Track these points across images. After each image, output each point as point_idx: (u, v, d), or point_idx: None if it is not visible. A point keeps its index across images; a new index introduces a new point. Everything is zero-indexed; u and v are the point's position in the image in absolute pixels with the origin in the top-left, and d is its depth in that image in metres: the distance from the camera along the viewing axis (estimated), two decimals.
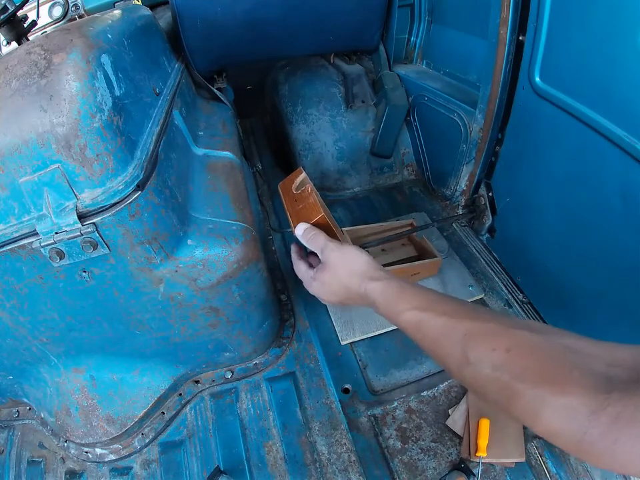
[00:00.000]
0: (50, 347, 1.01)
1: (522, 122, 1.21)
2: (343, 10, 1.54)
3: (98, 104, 0.67)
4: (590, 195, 1.02)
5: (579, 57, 0.94)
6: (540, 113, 1.11)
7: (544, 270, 1.26)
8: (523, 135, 1.23)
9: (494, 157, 1.39)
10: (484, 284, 1.46)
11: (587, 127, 0.95)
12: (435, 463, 1.07)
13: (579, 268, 1.12)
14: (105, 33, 0.80)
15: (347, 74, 1.94)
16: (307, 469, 1.08)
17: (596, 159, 0.97)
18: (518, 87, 1.17)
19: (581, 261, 1.10)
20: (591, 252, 1.06)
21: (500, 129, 1.32)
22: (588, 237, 1.05)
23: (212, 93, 1.53)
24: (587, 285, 1.10)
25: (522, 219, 1.34)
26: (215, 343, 1.13)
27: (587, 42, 0.90)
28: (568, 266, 1.16)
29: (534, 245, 1.29)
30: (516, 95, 1.19)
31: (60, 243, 0.69)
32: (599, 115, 0.91)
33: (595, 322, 1.09)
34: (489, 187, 1.45)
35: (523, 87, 1.14)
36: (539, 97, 1.09)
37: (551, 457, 1.05)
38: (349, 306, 0.72)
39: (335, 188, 1.92)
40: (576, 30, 0.93)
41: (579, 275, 1.13)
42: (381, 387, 1.21)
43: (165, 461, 1.12)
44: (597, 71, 0.90)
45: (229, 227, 0.95)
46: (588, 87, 0.93)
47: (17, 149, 0.64)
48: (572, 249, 1.13)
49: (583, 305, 1.14)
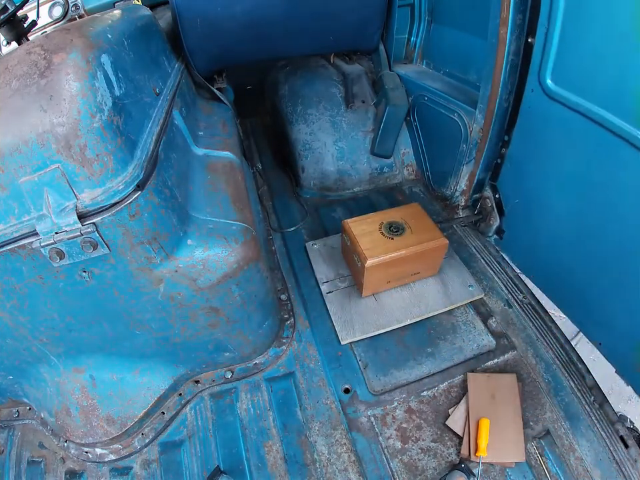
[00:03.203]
0: (50, 347, 1.01)
1: (531, 124, 1.21)
2: (343, 10, 1.54)
3: (98, 104, 0.67)
4: (605, 193, 1.02)
5: (592, 58, 0.94)
6: (551, 115, 1.11)
7: (558, 267, 1.27)
8: (532, 136, 1.23)
9: (500, 159, 1.39)
10: (484, 284, 1.46)
11: (602, 128, 0.96)
12: (435, 463, 1.07)
13: (593, 264, 1.13)
14: (104, 33, 0.80)
15: (347, 74, 1.94)
16: (306, 469, 1.08)
17: (611, 158, 0.98)
18: (526, 90, 1.17)
19: (596, 257, 1.11)
20: (605, 248, 1.07)
21: (506, 131, 1.31)
22: (603, 233, 1.06)
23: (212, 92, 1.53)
24: (601, 279, 1.11)
25: (532, 219, 1.34)
26: (215, 342, 1.13)
27: (601, 44, 0.91)
28: (582, 262, 1.17)
29: (546, 243, 1.30)
30: (524, 98, 1.19)
31: (60, 243, 0.69)
32: (614, 115, 0.92)
33: (609, 313, 1.10)
34: (495, 188, 1.45)
35: (532, 89, 1.14)
36: (551, 99, 1.09)
37: (551, 457, 1.05)
38: None
39: (335, 188, 1.92)
40: (590, 32, 0.93)
41: (593, 270, 1.14)
42: (380, 387, 1.21)
43: (165, 461, 1.12)
44: (611, 71, 0.90)
45: (228, 227, 0.95)
46: (602, 88, 0.94)
47: (17, 149, 0.64)
48: (586, 245, 1.14)
49: (598, 298, 1.15)
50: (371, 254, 1.28)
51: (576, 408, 1.13)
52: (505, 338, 1.30)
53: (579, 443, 1.07)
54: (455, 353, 1.27)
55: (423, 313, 1.37)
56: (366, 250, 1.29)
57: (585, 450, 1.06)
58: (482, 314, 1.37)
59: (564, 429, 1.10)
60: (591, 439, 1.08)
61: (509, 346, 1.28)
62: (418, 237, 1.33)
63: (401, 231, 1.35)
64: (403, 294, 1.43)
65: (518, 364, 1.24)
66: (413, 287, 1.45)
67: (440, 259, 1.42)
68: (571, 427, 1.10)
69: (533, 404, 1.15)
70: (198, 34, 1.39)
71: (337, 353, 1.29)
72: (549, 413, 1.13)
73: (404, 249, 1.30)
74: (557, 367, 1.22)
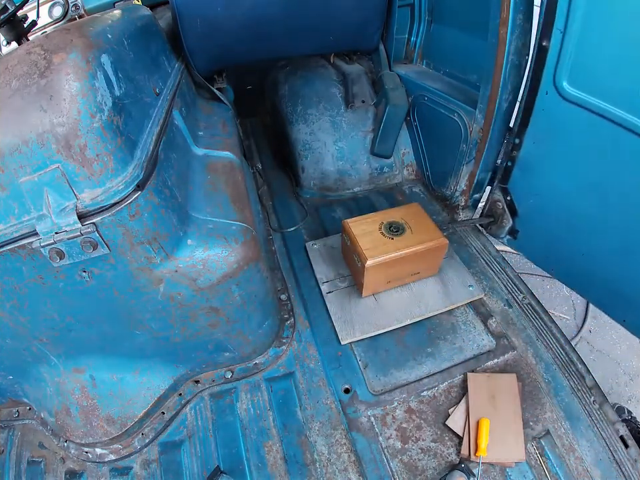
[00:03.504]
0: (50, 347, 1.01)
1: (545, 126, 1.23)
2: (343, 10, 1.54)
3: (98, 104, 0.67)
4: (627, 188, 1.05)
5: (612, 60, 0.96)
6: (568, 117, 1.13)
7: (578, 257, 1.30)
8: (547, 138, 1.25)
9: (510, 162, 1.39)
10: (484, 284, 1.46)
11: (620, 127, 0.98)
12: (435, 463, 1.07)
13: (616, 250, 1.17)
14: (105, 32, 0.80)
15: (347, 74, 1.94)
16: (306, 469, 1.08)
17: (632, 156, 1.00)
18: (540, 92, 1.18)
19: (618, 244, 1.15)
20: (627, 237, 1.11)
21: (517, 134, 1.32)
22: (625, 226, 1.10)
23: (212, 92, 1.53)
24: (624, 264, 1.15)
25: (549, 217, 1.36)
26: (215, 342, 1.13)
27: (621, 46, 0.93)
28: (604, 250, 1.21)
29: (565, 237, 1.33)
30: (537, 100, 1.20)
31: (60, 243, 0.69)
32: (634, 116, 0.94)
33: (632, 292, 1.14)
34: (506, 191, 1.46)
35: (546, 91, 1.15)
36: (567, 101, 1.11)
37: (551, 457, 1.05)
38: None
39: (334, 188, 1.92)
40: (609, 35, 0.95)
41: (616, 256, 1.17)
42: (380, 387, 1.21)
43: (165, 461, 1.12)
44: (630, 73, 0.92)
45: (228, 227, 0.95)
46: (622, 90, 0.96)
47: (17, 148, 0.64)
48: (608, 235, 1.17)
49: (620, 280, 1.18)
50: (371, 254, 1.28)
51: (576, 408, 1.13)
52: (504, 338, 1.30)
53: (578, 443, 1.07)
54: (454, 353, 1.27)
55: (423, 313, 1.37)
56: (366, 250, 1.29)
57: (585, 450, 1.06)
58: (482, 314, 1.37)
59: (564, 429, 1.10)
60: (591, 439, 1.08)
61: (509, 346, 1.28)
62: (418, 237, 1.33)
63: (401, 230, 1.35)
64: (403, 294, 1.43)
65: (518, 364, 1.24)
66: (412, 287, 1.45)
67: (440, 258, 1.42)
68: (571, 426, 1.10)
69: (533, 404, 1.15)
70: (198, 34, 1.39)
71: (337, 353, 1.29)
72: (549, 413, 1.13)
73: (404, 249, 1.30)
74: (556, 367, 1.22)
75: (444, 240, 1.33)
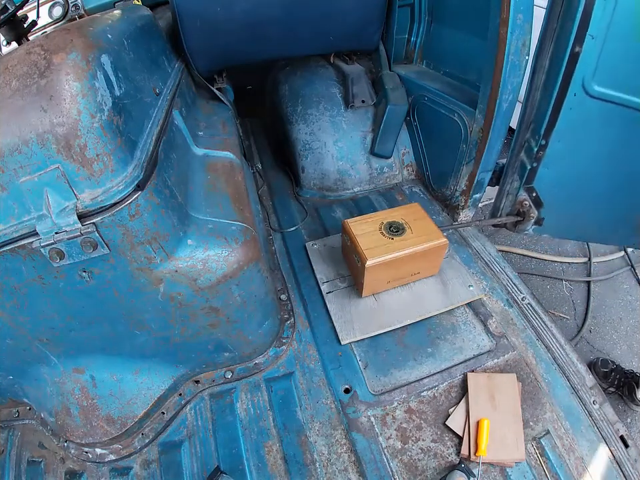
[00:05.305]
0: (50, 347, 1.01)
1: (572, 124, 1.28)
2: (343, 10, 1.54)
3: (98, 104, 0.67)
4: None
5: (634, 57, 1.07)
6: (593, 111, 1.20)
7: (602, 212, 1.45)
8: (572, 134, 1.30)
9: (535, 162, 1.42)
10: (484, 284, 1.46)
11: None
12: (435, 463, 1.07)
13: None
14: (104, 33, 0.80)
15: (347, 74, 1.94)
16: (306, 469, 1.08)
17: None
18: (569, 95, 1.21)
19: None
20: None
21: (544, 136, 1.34)
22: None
23: (212, 92, 1.54)
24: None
25: (572, 192, 1.45)
26: (215, 343, 1.13)
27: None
28: (622, 197, 1.37)
29: (587, 202, 1.46)
30: (565, 102, 1.24)
31: (60, 243, 0.69)
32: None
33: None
34: (531, 189, 1.49)
35: (574, 93, 1.20)
36: (593, 98, 1.17)
37: (551, 457, 1.05)
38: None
39: (334, 188, 1.92)
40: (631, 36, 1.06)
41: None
42: (380, 387, 1.21)
43: (165, 461, 1.12)
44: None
45: (228, 227, 0.95)
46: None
47: (17, 148, 0.64)
48: (624, 189, 1.34)
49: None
50: (371, 254, 1.28)
51: (576, 408, 1.13)
52: (504, 338, 1.30)
53: (578, 443, 1.07)
54: (454, 353, 1.27)
55: (423, 313, 1.37)
56: (366, 250, 1.29)
57: (585, 450, 1.06)
58: (482, 314, 1.37)
59: (564, 429, 1.10)
60: (591, 439, 1.08)
61: (509, 346, 1.28)
62: (418, 237, 1.33)
63: (401, 231, 1.35)
64: (403, 294, 1.43)
65: (518, 364, 1.24)
66: (412, 287, 1.45)
67: (440, 259, 1.42)
68: (571, 426, 1.10)
69: (533, 404, 1.15)
70: (198, 34, 1.39)
71: (337, 353, 1.29)
72: (549, 413, 1.13)
73: (404, 249, 1.30)
74: (556, 367, 1.22)
75: (444, 240, 1.33)
